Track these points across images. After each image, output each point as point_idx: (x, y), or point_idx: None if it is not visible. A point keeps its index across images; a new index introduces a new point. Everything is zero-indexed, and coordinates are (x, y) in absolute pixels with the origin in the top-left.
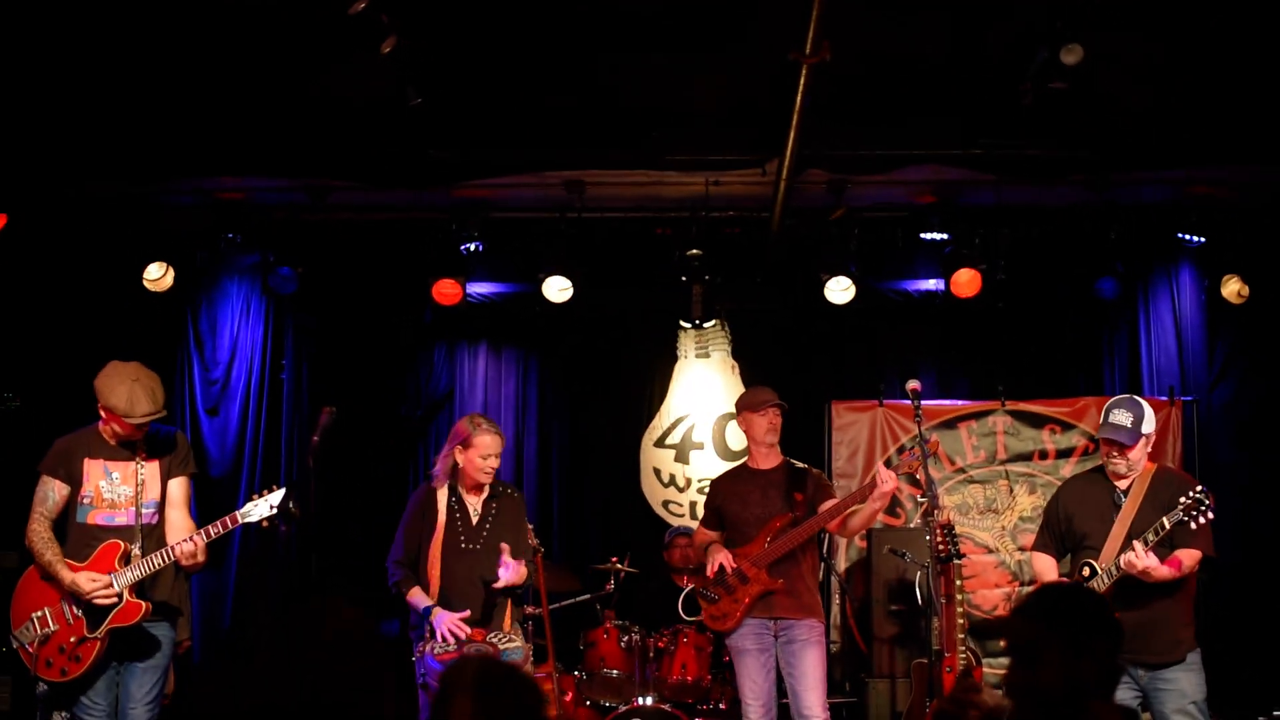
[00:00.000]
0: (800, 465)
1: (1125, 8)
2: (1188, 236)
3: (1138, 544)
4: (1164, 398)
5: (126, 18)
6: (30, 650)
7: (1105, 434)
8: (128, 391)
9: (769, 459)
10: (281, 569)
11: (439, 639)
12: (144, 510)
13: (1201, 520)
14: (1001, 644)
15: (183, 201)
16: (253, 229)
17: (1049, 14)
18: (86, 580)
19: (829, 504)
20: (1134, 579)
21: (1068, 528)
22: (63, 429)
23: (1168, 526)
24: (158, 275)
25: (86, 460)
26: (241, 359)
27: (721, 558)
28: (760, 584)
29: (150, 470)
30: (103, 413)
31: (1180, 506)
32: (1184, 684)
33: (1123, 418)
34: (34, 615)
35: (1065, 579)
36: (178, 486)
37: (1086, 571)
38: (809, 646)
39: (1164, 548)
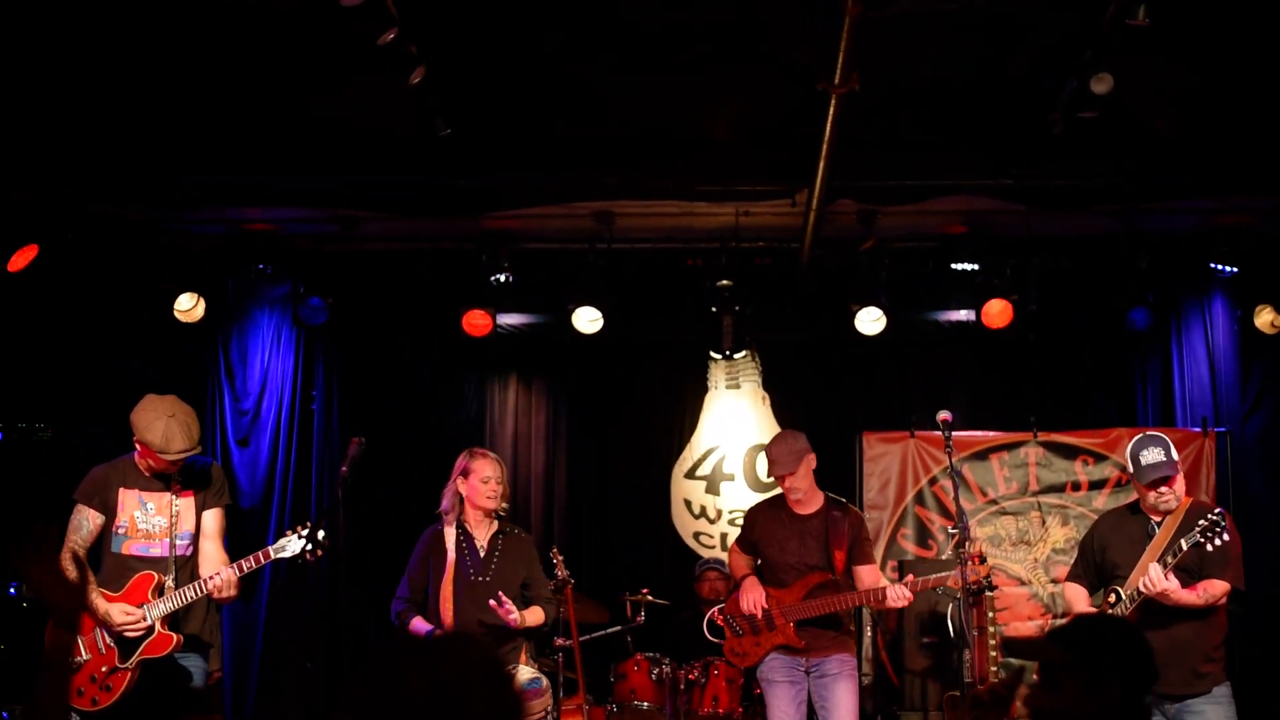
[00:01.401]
0: (840, 507)
1: (1154, 36)
2: (1219, 266)
3: (1154, 565)
4: (1197, 429)
5: (157, 48)
6: None
7: (1149, 477)
8: (164, 428)
9: (808, 505)
10: (311, 600)
11: None
12: (178, 542)
13: (1217, 542)
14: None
15: (213, 232)
16: (283, 259)
17: (1078, 43)
18: (120, 613)
19: (864, 584)
20: (1158, 606)
21: (1102, 559)
22: (94, 460)
23: (1185, 548)
24: (189, 306)
25: (122, 490)
26: (272, 390)
27: (756, 597)
28: (784, 637)
29: (185, 502)
30: (138, 446)
31: (1197, 529)
32: (1212, 717)
33: (1155, 455)
34: None
35: (1095, 609)
36: (212, 518)
37: (1112, 598)
38: (841, 680)
39: (1191, 577)
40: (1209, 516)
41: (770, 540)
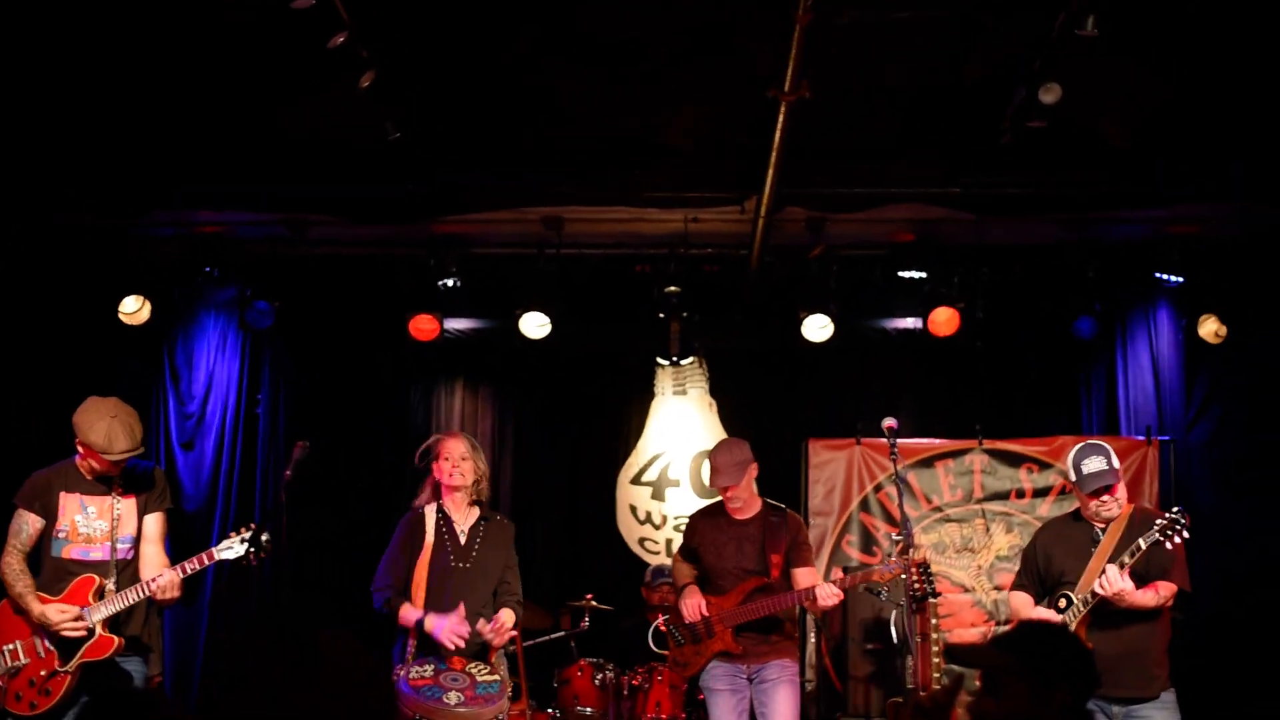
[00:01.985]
0: (778, 512)
1: (1104, 46)
2: (1166, 276)
3: (1111, 567)
4: (1141, 437)
5: (106, 51)
6: (0, 684)
7: (1092, 485)
8: (106, 428)
9: (746, 511)
10: (254, 602)
11: (417, 664)
12: (119, 545)
13: (1177, 540)
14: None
15: (161, 234)
16: (231, 263)
17: (1028, 53)
18: (55, 612)
19: (800, 586)
20: (1109, 611)
21: (1046, 568)
22: (35, 463)
23: (1144, 547)
24: (134, 309)
25: (63, 494)
26: (217, 393)
27: (695, 604)
28: (723, 643)
29: (126, 505)
30: (80, 448)
31: (1156, 527)
32: None
33: (1098, 464)
34: (5, 649)
35: (1040, 617)
36: (154, 522)
37: (1063, 603)
38: (780, 685)
39: (1139, 581)
40: (1169, 514)
41: (709, 547)
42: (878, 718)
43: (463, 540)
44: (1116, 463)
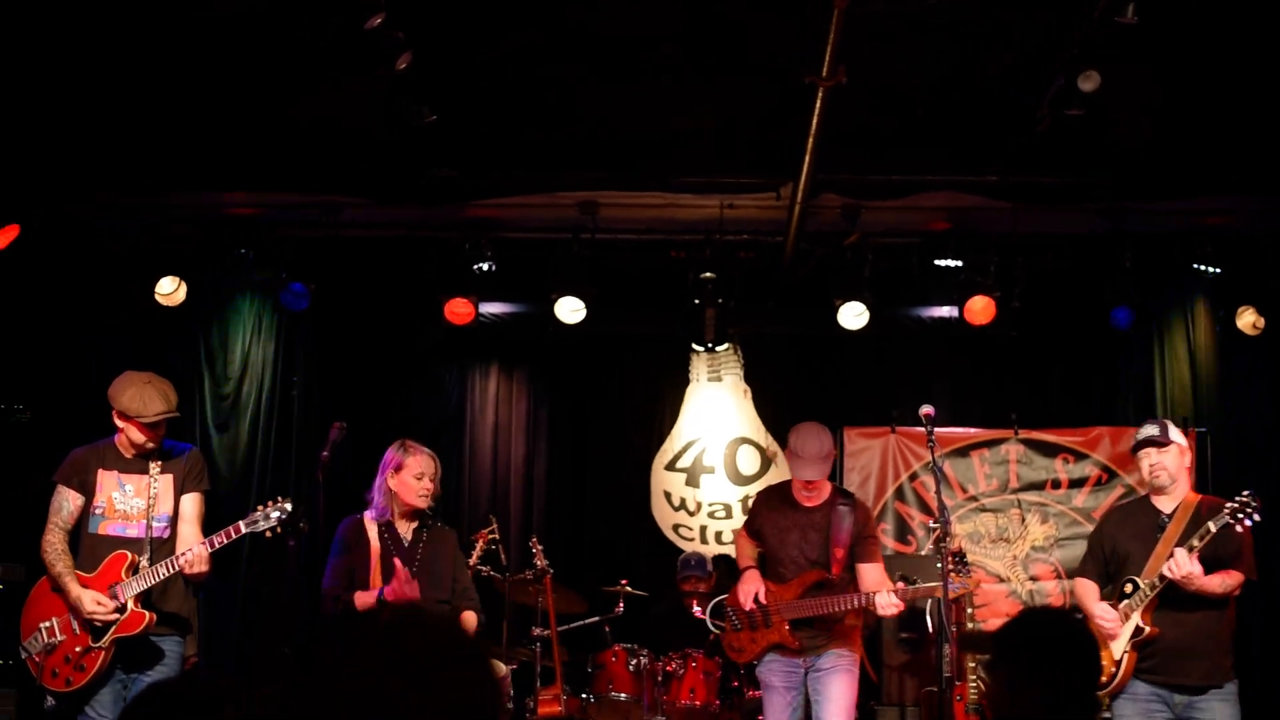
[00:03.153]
0: (847, 499)
1: (1140, 36)
2: (1203, 267)
3: (1180, 550)
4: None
5: (141, 34)
6: (36, 660)
7: (1138, 440)
8: (139, 392)
9: (816, 497)
10: (289, 584)
11: None
12: (155, 524)
13: (1247, 522)
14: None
15: (196, 217)
16: (265, 245)
17: (1065, 40)
18: (91, 601)
19: (865, 584)
20: (1176, 596)
21: (1111, 552)
22: (73, 442)
23: (1214, 530)
24: (170, 290)
25: (100, 471)
26: (252, 375)
27: (752, 590)
28: (780, 635)
29: (164, 484)
30: (118, 421)
31: (1226, 510)
32: (1220, 715)
33: (1150, 429)
34: (42, 625)
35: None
36: (190, 502)
37: (1129, 588)
38: (837, 673)
39: (1206, 568)
40: (1240, 497)
41: (771, 530)
42: (912, 707)
43: (406, 544)
44: (1175, 435)
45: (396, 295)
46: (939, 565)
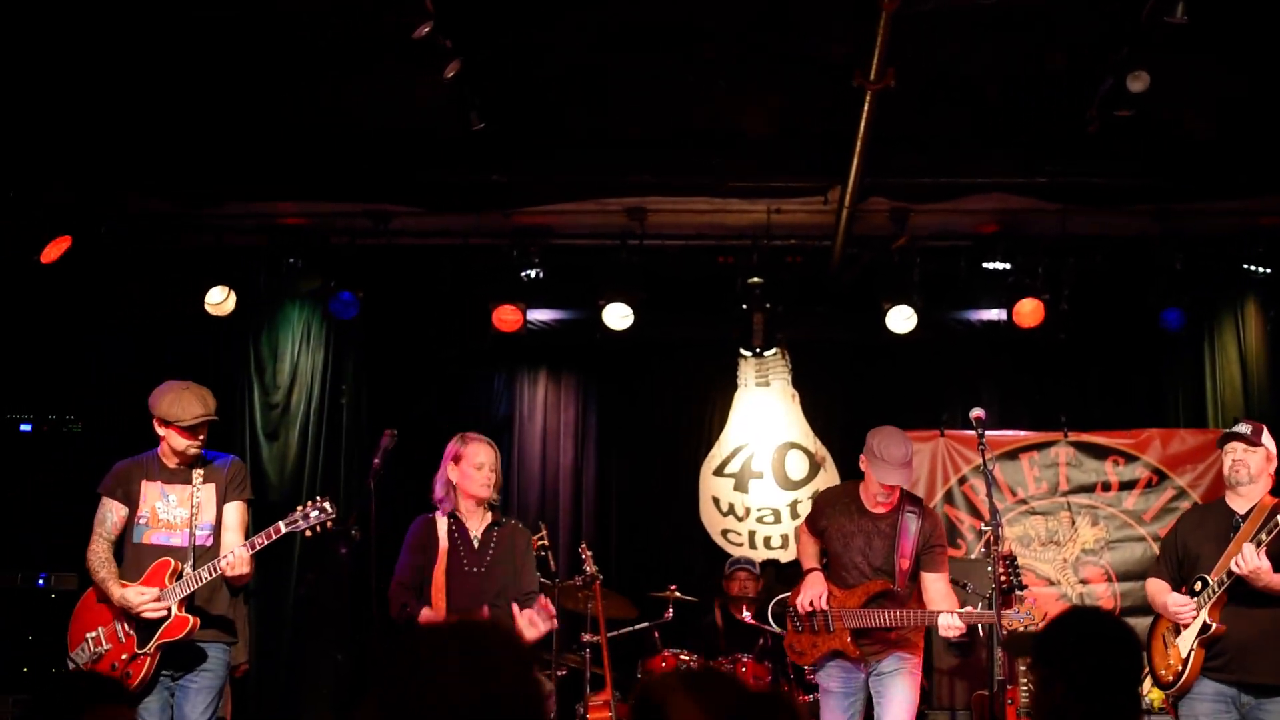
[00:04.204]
0: (915, 504)
1: (1191, 37)
2: (1254, 267)
3: (1248, 545)
4: None
5: (193, 44)
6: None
7: (1227, 433)
8: (176, 398)
9: (888, 504)
10: (342, 592)
11: None
12: (198, 532)
13: None
14: None
15: (245, 226)
16: (314, 254)
17: (1114, 41)
18: (135, 594)
19: (929, 596)
20: (1245, 593)
21: (1184, 552)
22: (123, 453)
23: None
24: (220, 299)
25: (144, 482)
26: (301, 384)
27: (815, 595)
28: (840, 643)
29: (206, 493)
30: (159, 428)
31: None
32: None
33: (1243, 426)
34: (89, 635)
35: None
36: (233, 511)
37: (1198, 585)
38: (899, 675)
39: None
40: None
41: (836, 534)
42: (962, 711)
43: (476, 545)
44: (1268, 441)
45: (444, 303)
46: (990, 569)
